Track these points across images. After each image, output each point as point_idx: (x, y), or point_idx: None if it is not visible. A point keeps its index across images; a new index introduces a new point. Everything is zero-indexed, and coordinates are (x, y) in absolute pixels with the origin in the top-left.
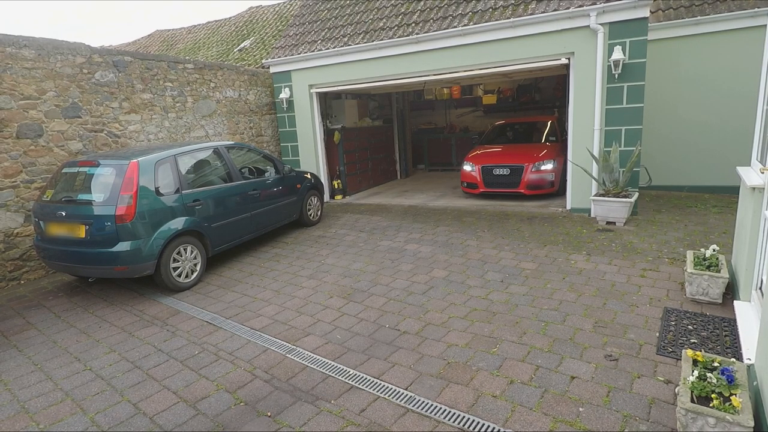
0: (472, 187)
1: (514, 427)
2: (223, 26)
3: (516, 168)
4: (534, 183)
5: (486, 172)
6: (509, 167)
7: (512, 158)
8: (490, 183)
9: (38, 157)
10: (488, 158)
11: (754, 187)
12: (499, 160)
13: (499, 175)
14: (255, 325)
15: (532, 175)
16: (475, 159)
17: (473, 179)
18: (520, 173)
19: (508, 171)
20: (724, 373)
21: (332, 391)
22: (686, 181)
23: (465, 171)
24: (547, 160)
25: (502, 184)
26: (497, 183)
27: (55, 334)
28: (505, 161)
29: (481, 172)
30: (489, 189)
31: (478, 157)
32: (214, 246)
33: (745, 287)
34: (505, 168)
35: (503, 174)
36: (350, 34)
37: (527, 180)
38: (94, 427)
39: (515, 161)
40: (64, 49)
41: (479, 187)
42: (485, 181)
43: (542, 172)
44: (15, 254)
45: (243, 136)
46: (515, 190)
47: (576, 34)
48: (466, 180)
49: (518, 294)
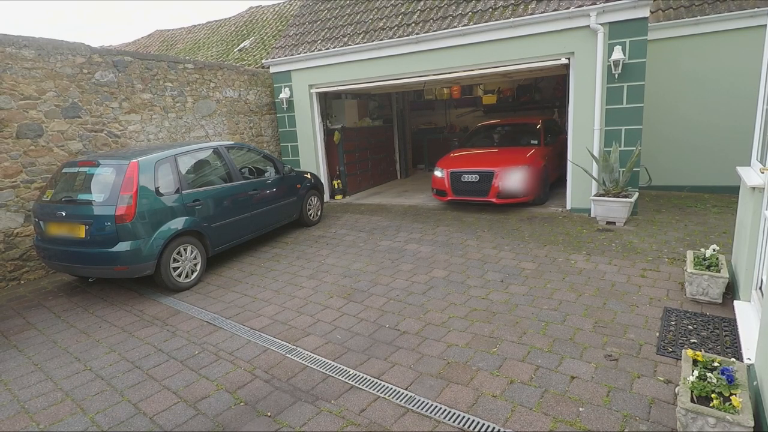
0: (441, 194)
1: (514, 427)
2: (223, 26)
3: (485, 174)
4: (505, 191)
5: (454, 178)
6: (478, 173)
7: (484, 163)
8: (459, 190)
9: (38, 157)
10: (459, 163)
11: (754, 187)
12: (469, 165)
13: (468, 182)
14: (255, 325)
15: (502, 182)
16: (445, 163)
17: (442, 185)
18: (490, 180)
19: (477, 177)
20: (724, 373)
21: (332, 391)
22: (686, 181)
23: (435, 176)
24: (520, 165)
25: (471, 192)
26: (466, 191)
27: (55, 334)
28: (475, 166)
29: (450, 178)
30: (457, 197)
31: (450, 162)
32: (214, 246)
33: (745, 287)
34: (474, 174)
35: (472, 181)
36: (350, 34)
37: (497, 187)
38: (94, 427)
39: (485, 167)
40: (64, 49)
41: (448, 194)
42: (454, 188)
43: (514, 179)
44: (15, 254)
45: (243, 136)
46: (484, 198)
47: (576, 34)
48: (435, 186)
49: (518, 294)
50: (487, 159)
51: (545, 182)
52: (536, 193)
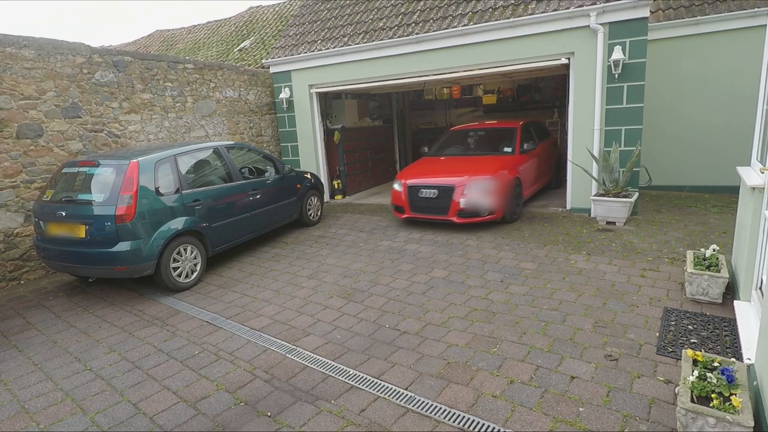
0: (399, 211)
1: (514, 427)
2: (223, 26)
3: (445, 189)
4: (467, 208)
5: (412, 192)
6: (437, 188)
7: (445, 175)
8: (417, 207)
9: (38, 157)
10: (420, 174)
11: (754, 187)
12: (428, 178)
13: (426, 197)
14: (255, 325)
15: (464, 198)
16: (405, 175)
17: (399, 200)
18: (450, 195)
19: (435, 192)
20: (724, 373)
21: (332, 391)
22: (686, 181)
23: (393, 189)
24: (485, 178)
25: (429, 209)
26: (425, 207)
27: (55, 334)
28: (435, 180)
29: (407, 192)
30: (416, 214)
31: (410, 173)
32: (214, 246)
33: (745, 287)
34: (432, 188)
35: (430, 196)
36: (350, 34)
37: (458, 204)
38: (94, 427)
39: (445, 180)
40: (64, 49)
41: (405, 211)
42: (412, 204)
43: (477, 194)
44: (15, 254)
45: (243, 136)
46: (444, 217)
47: (576, 34)
48: (394, 201)
49: (518, 294)
50: (450, 170)
51: (517, 197)
52: (505, 210)
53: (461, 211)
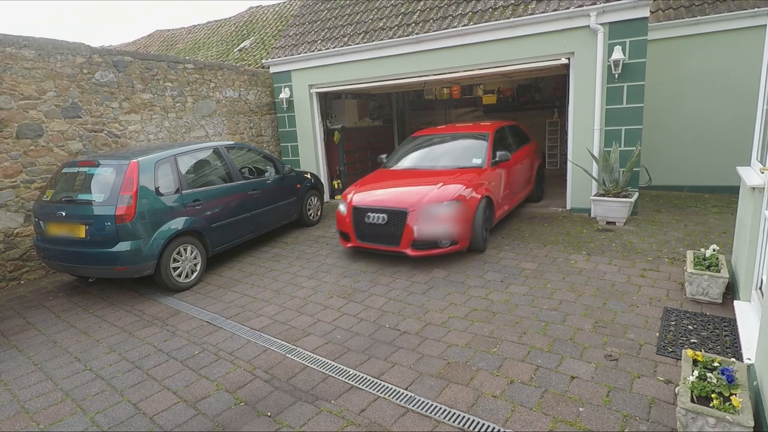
0: (344, 238)
1: (514, 427)
2: (223, 26)
3: (396, 213)
4: (421, 238)
5: (358, 216)
6: (387, 212)
7: (398, 196)
8: (364, 234)
9: (38, 157)
10: (366, 194)
11: (754, 187)
12: (377, 199)
13: (373, 223)
14: (255, 325)
15: (419, 225)
16: (352, 193)
17: (344, 226)
18: (402, 222)
19: (384, 217)
20: (724, 373)
21: (332, 391)
22: (686, 181)
23: (339, 211)
24: (445, 200)
25: (378, 238)
26: (372, 235)
27: (55, 334)
28: (385, 201)
29: (353, 215)
30: (362, 244)
31: (358, 191)
32: (214, 246)
33: (745, 287)
34: (381, 213)
35: (378, 222)
36: (350, 34)
37: (412, 233)
38: (94, 427)
39: (397, 202)
40: (64, 49)
41: (350, 238)
42: (358, 230)
43: (435, 220)
44: (15, 254)
45: (243, 136)
46: (395, 248)
47: (576, 34)
48: (338, 226)
49: (518, 294)
50: (405, 189)
51: (487, 221)
52: (472, 237)
53: (415, 242)
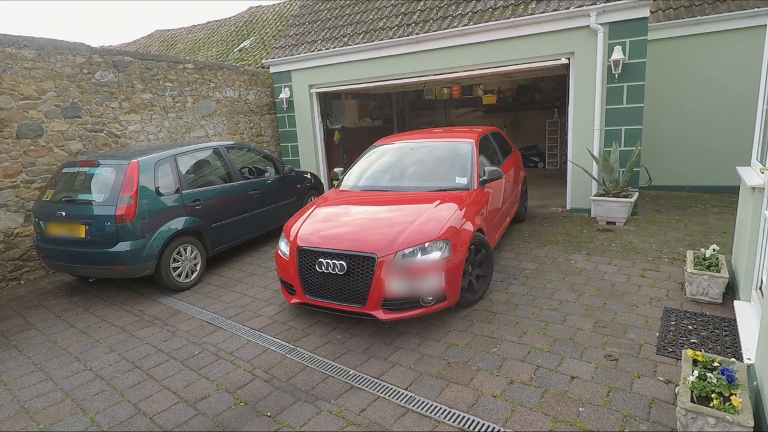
0: (288, 290)
1: (514, 427)
2: (223, 26)
3: (360, 260)
4: (397, 296)
5: (306, 262)
6: (346, 257)
7: (361, 233)
8: (314, 288)
9: (38, 157)
10: (319, 228)
11: (754, 187)
12: (332, 237)
13: (327, 273)
14: (255, 325)
15: (393, 276)
16: (297, 229)
17: (286, 273)
18: (369, 272)
19: (343, 266)
20: (724, 373)
21: (332, 391)
22: (686, 181)
23: (279, 252)
24: (428, 241)
25: (333, 293)
26: (325, 289)
27: (55, 334)
28: (343, 241)
29: (298, 261)
30: (312, 300)
31: (304, 225)
32: (214, 246)
33: (745, 287)
34: (337, 259)
35: (334, 273)
36: (350, 34)
37: (382, 288)
38: (94, 427)
39: (362, 243)
40: (64, 49)
41: (296, 293)
42: (305, 281)
43: (417, 269)
44: (15, 254)
45: (243, 136)
46: (359, 309)
47: (576, 34)
48: (279, 273)
49: (518, 294)
50: (371, 222)
51: (481, 264)
52: (462, 288)
53: (388, 301)
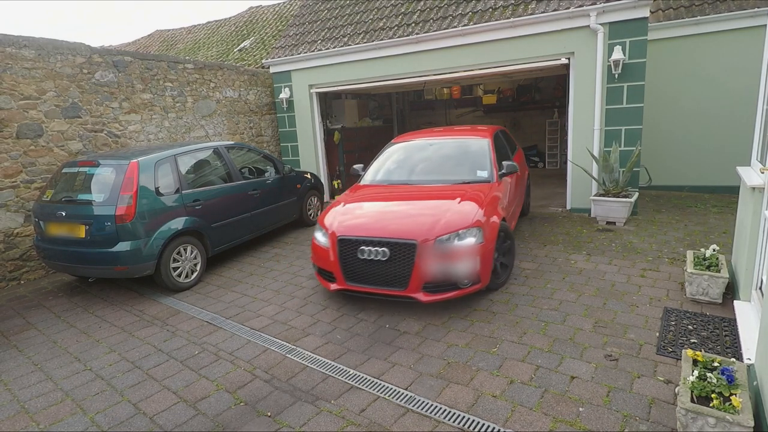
0: (326, 278)
1: (514, 427)
2: (223, 26)
3: (402, 246)
4: (438, 278)
5: (347, 251)
6: (389, 244)
7: (400, 222)
8: (356, 274)
9: (38, 157)
10: (356, 219)
11: (754, 187)
12: (373, 227)
13: (369, 260)
14: (255, 325)
15: (434, 261)
16: (334, 217)
17: (325, 261)
18: (411, 258)
19: (386, 252)
20: (724, 373)
21: (332, 391)
22: (686, 181)
23: (316, 242)
24: (464, 228)
25: (375, 279)
26: (368, 275)
27: (55, 334)
28: (384, 230)
29: (339, 250)
30: (353, 286)
31: (341, 216)
32: (214, 246)
33: (745, 287)
34: (380, 246)
35: (377, 259)
36: (350, 34)
37: (424, 272)
38: (94, 427)
39: (403, 231)
40: (64, 49)
41: (336, 280)
42: (346, 268)
43: (456, 253)
44: (15, 254)
45: (243, 136)
46: (402, 292)
47: (576, 34)
48: (317, 261)
49: (518, 294)
50: (407, 213)
51: (507, 251)
52: (490, 272)
53: (429, 283)
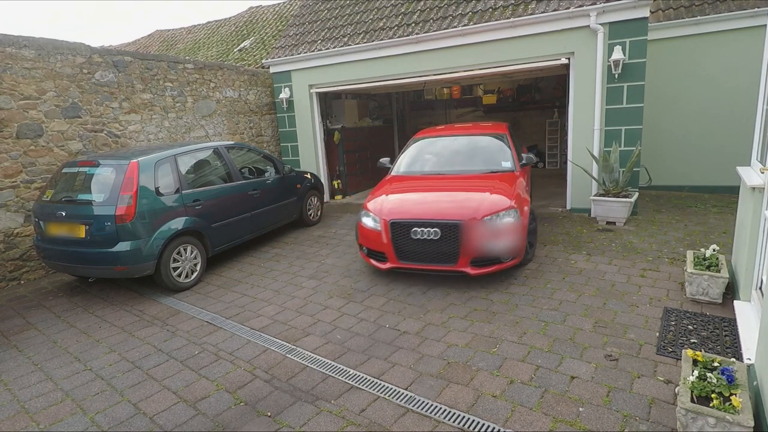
0: (378, 258)
1: (514, 427)
2: (223, 26)
3: (451, 227)
4: (485, 253)
5: (399, 233)
6: (439, 225)
7: (446, 205)
8: (409, 253)
9: (38, 157)
10: (402, 205)
11: (754, 187)
12: (421, 211)
13: (422, 240)
14: (255, 325)
15: (480, 239)
16: (381, 204)
17: (377, 243)
18: (459, 237)
19: (437, 233)
20: (724, 373)
21: (332, 391)
22: (686, 181)
23: (364, 226)
24: (503, 209)
25: (428, 256)
26: (420, 254)
27: (55, 334)
28: (434, 213)
29: (391, 232)
30: (405, 264)
31: (388, 201)
32: (214, 246)
33: (745, 287)
34: (431, 227)
35: (429, 238)
36: (350, 34)
37: (472, 249)
38: (94, 427)
39: (451, 213)
40: (64, 49)
41: (388, 259)
42: (399, 249)
43: (498, 231)
44: (15, 254)
45: (243, 136)
46: (452, 267)
47: (576, 34)
48: (366, 243)
49: (518, 294)
50: (449, 197)
51: (532, 232)
52: (524, 248)
53: (476, 258)
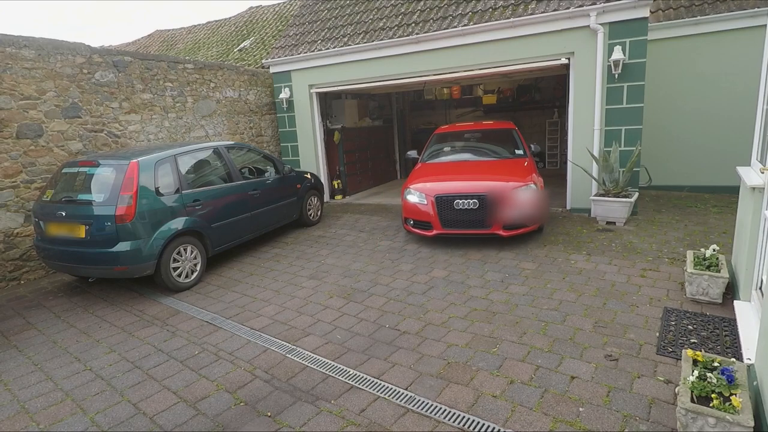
0: (424, 227)
1: (514, 427)
2: (223, 26)
3: (487, 198)
4: (515, 218)
5: (444, 205)
6: (477, 197)
7: (480, 182)
8: (451, 222)
9: (38, 157)
10: (444, 183)
11: (754, 187)
12: (461, 187)
13: (463, 209)
14: (255, 325)
15: (509, 207)
16: (423, 184)
17: (425, 215)
18: (493, 206)
19: (476, 203)
20: (724, 373)
21: (332, 391)
22: (686, 181)
23: (409, 203)
24: (525, 183)
25: (468, 223)
26: (461, 221)
27: (55, 334)
28: (471, 188)
29: (437, 205)
30: (449, 230)
31: (429, 182)
32: (214, 246)
33: (745, 287)
34: (471, 198)
35: (469, 208)
36: (350, 34)
37: (503, 215)
38: (94, 427)
39: (485, 188)
40: (64, 49)
41: (434, 227)
42: (443, 218)
43: (525, 201)
44: (15, 254)
45: (243, 136)
46: (487, 231)
47: (576, 34)
48: (412, 216)
49: (518, 294)
50: (480, 176)
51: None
52: (543, 217)
53: (507, 222)
